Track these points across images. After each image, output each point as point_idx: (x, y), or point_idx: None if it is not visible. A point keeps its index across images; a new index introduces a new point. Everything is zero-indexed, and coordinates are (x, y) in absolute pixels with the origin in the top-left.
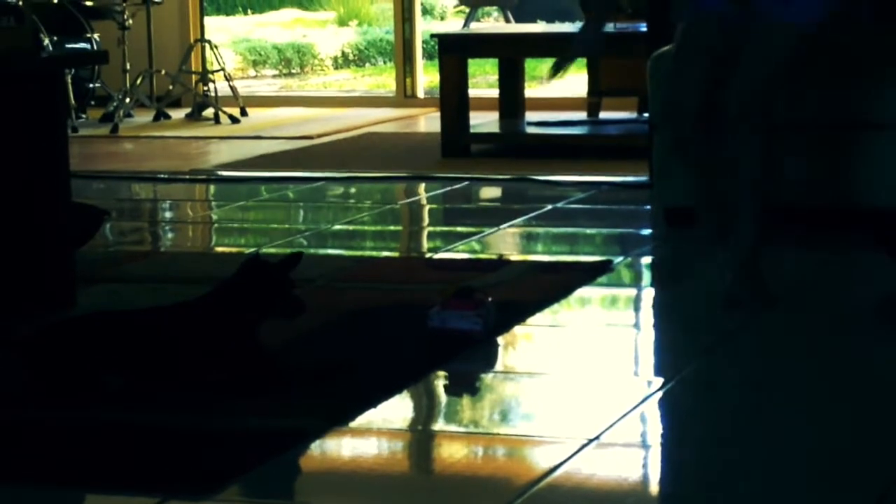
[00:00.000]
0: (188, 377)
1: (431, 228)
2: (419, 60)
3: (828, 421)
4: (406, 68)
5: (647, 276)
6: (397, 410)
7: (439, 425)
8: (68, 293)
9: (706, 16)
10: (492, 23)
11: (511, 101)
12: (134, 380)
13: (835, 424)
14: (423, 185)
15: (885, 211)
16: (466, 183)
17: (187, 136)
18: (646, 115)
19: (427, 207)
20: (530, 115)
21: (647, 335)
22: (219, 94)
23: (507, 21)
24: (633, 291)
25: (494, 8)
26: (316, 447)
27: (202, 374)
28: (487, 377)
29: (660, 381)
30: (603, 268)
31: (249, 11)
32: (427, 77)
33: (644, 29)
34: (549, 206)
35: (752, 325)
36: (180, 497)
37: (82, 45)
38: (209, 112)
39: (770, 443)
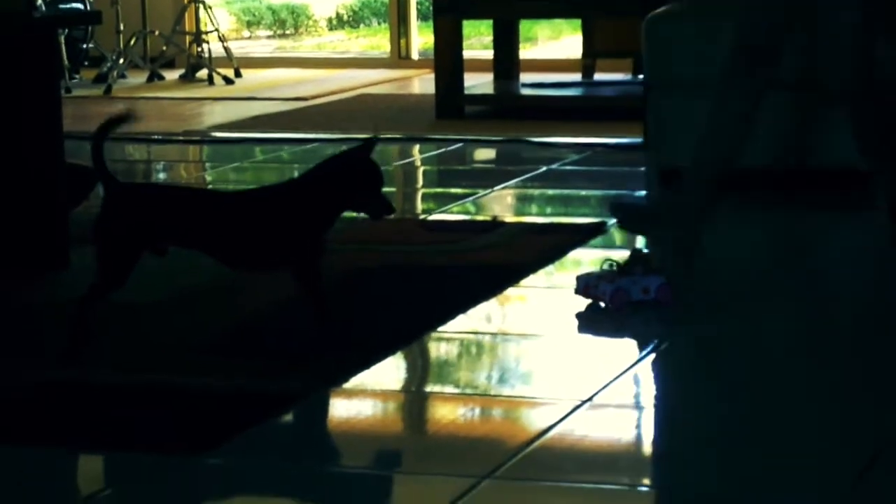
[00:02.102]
0: (245, 261)
1: (425, 190)
2: (413, 22)
3: (822, 382)
4: (400, 29)
5: (640, 238)
6: (391, 372)
7: (433, 387)
8: (62, 254)
9: None
10: None
11: (506, 62)
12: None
13: (829, 386)
14: (417, 147)
15: None
16: (461, 144)
17: (181, 98)
18: (640, 76)
19: (421, 169)
20: (525, 77)
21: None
22: (213, 55)
23: None
24: (626, 253)
25: None
26: (311, 408)
27: (255, 261)
28: (481, 339)
29: (653, 342)
30: (597, 229)
31: None
32: (421, 38)
33: None
34: (544, 168)
35: (745, 288)
36: (176, 456)
37: (76, 5)
38: (203, 73)
39: (763, 403)
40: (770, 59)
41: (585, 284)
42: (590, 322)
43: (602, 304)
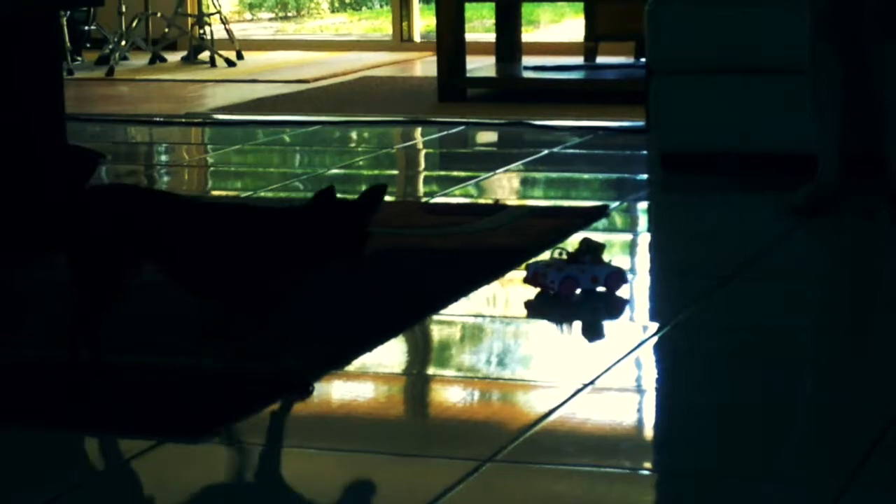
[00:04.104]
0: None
1: (427, 173)
2: (416, 4)
3: (824, 365)
4: (403, 12)
5: (642, 221)
6: (393, 354)
7: (435, 369)
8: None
9: None
10: None
11: (508, 45)
12: (164, 271)
13: (831, 368)
14: (419, 130)
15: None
16: (463, 127)
17: (183, 80)
18: (643, 59)
19: (423, 152)
20: (527, 60)
21: (643, 280)
22: (215, 37)
23: None
24: (629, 236)
25: None
26: (312, 391)
27: (220, 295)
28: (483, 322)
29: (655, 325)
30: (599, 213)
31: None
32: (424, 21)
33: None
34: (546, 151)
35: (747, 270)
36: (175, 439)
37: None
38: (205, 55)
39: (764, 387)
40: (843, 21)
41: (534, 273)
42: (538, 311)
43: (551, 293)
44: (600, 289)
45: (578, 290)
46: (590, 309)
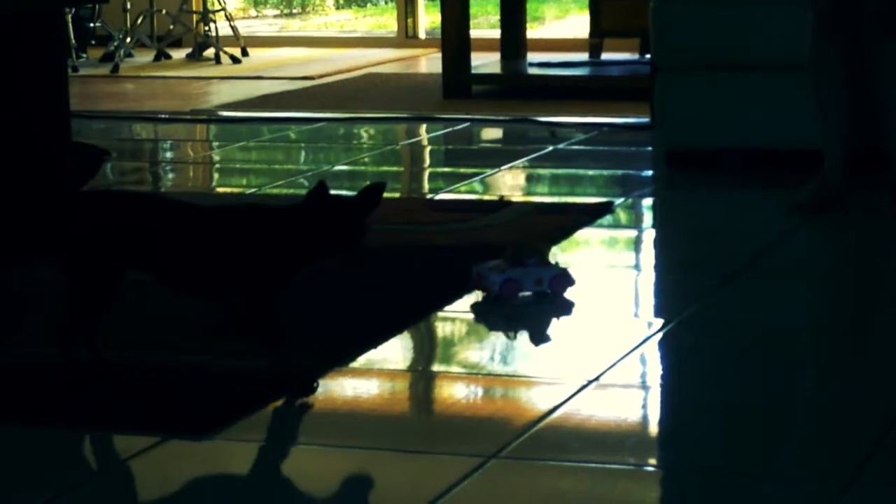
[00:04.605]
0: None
1: (432, 169)
2: (421, 1)
3: (827, 363)
4: (407, 8)
5: (647, 218)
6: (397, 351)
7: (440, 366)
8: None
9: None
10: None
11: (513, 41)
12: (156, 279)
13: (834, 366)
14: (424, 126)
15: None
16: (467, 124)
17: (188, 77)
18: (648, 56)
19: (428, 148)
20: (532, 56)
21: (648, 276)
22: (220, 33)
23: None
24: (633, 233)
25: None
26: (316, 388)
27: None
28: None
29: (660, 322)
30: (604, 209)
31: None
32: (428, 17)
33: None
34: (550, 148)
35: (751, 267)
36: (180, 437)
37: None
38: (210, 52)
39: (768, 384)
40: (844, 21)
41: (478, 274)
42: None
43: (493, 295)
44: (545, 291)
45: (521, 293)
46: (535, 312)
